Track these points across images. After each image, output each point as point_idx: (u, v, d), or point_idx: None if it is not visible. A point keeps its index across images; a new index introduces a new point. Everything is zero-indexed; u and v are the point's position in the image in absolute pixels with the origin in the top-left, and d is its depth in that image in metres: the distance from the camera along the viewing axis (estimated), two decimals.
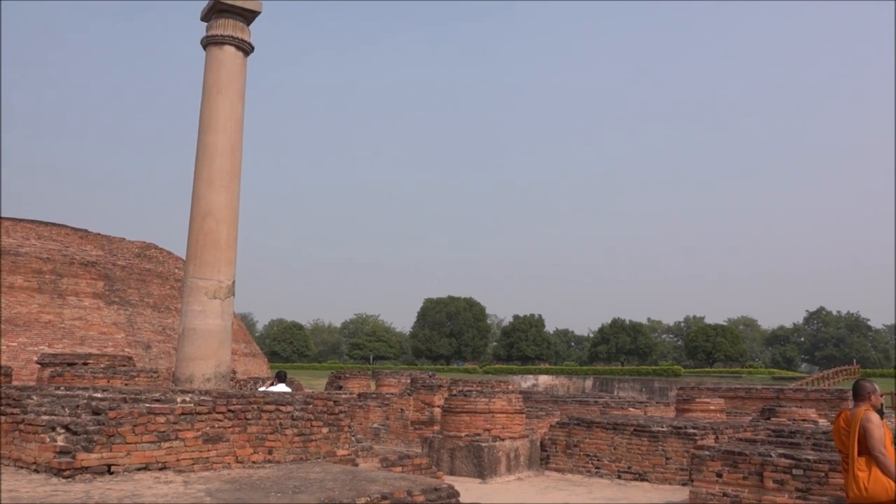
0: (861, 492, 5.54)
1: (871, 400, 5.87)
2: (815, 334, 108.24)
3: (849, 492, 5.66)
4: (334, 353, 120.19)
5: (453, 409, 12.68)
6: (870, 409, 5.81)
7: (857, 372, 57.34)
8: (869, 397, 5.86)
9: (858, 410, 5.79)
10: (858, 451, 5.66)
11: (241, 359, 28.42)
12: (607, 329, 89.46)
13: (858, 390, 5.95)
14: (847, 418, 5.88)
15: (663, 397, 33.86)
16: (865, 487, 5.53)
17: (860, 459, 5.63)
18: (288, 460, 7.39)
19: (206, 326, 10.78)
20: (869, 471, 5.56)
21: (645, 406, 19.60)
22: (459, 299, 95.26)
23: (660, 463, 11.61)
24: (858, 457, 5.65)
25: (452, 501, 6.71)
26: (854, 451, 5.66)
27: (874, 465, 5.56)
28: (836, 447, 6.08)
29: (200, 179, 11.38)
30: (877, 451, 5.54)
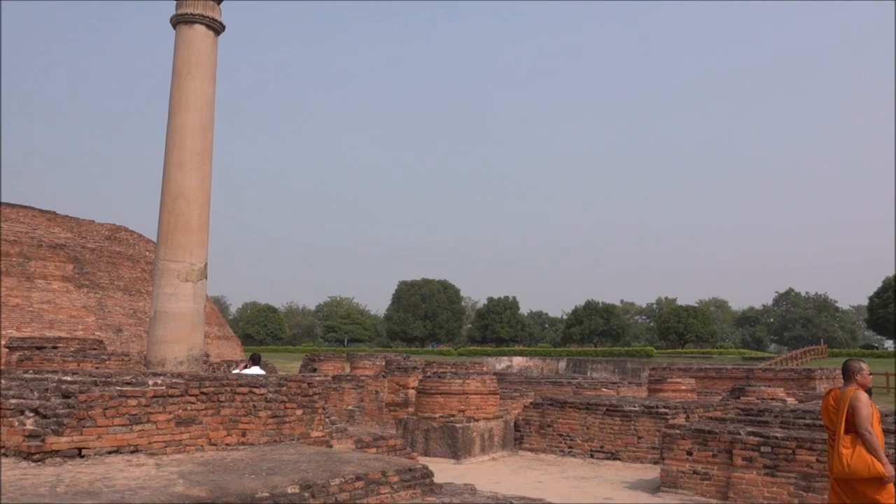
0: (844, 467, 5.70)
1: (857, 379, 5.99)
2: (783, 315, 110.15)
3: (832, 467, 5.82)
4: (308, 336, 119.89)
5: (428, 390, 12.72)
6: (859, 388, 5.96)
7: (824, 352, 58.46)
8: (855, 376, 5.99)
9: (848, 389, 5.93)
10: (845, 429, 5.80)
11: (214, 342, 28.22)
12: (581, 311, 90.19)
13: (848, 370, 6.08)
14: (836, 396, 6.02)
15: (636, 378, 34.29)
16: (848, 464, 5.68)
17: (846, 437, 5.78)
18: (262, 442, 7.37)
19: (178, 309, 10.67)
20: (853, 448, 5.71)
21: (618, 386, 19.83)
22: (434, 282, 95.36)
23: (632, 442, 11.77)
24: (845, 434, 5.79)
25: (426, 481, 6.75)
26: (841, 428, 5.80)
27: (859, 442, 5.71)
28: (824, 424, 6.23)
29: (171, 161, 11.20)
30: (863, 430, 5.69)
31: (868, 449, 5.68)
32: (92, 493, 4.71)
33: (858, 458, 5.67)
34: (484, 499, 6.66)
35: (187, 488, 5.09)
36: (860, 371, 6.02)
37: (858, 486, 5.71)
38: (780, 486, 8.02)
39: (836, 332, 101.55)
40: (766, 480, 8.10)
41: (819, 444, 7.90)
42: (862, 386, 5.99)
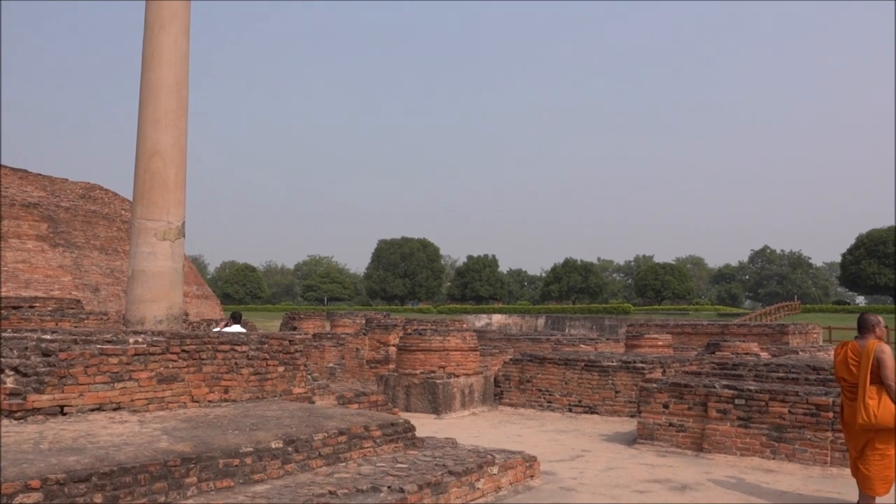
0: (871, 418, 5.88)
1: (876, 332, 6.15)
2: (759, 272, 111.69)
3: (857, 417, 5.95)
4: (288, 294, 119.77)
5: (408, 347, 12.82)
6: (880, 341, 6.10)
7: (797, 308, 59.55)
8: (874, 329, 6.14)
9: (869, 342, 6.06)
10: (870, 381, 5.97)
11: (193, 301, 28.12)
12: (559, 269, 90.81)
13: (865, 323, 6.20)
14: (855, 349, 6.14)
15: (613, 334, 34.73)
16: (875, 414, 5.87)
17: (871, 388, 5.95)
18: (244, 399, 7.41)
19: (156, 268, 10.58)
20: (879, 398, 5.90)
21: (595, 343, 20.09)
22: (413, 240, 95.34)
23: (609, 396, 11.98)
24: (870, 385, 5.95)
25: (409, 435, 6.85)
26: (866, 379, 5.95)
27: (884, 393, 5.90)
28: (839, 376, 6.32)
29: (145, 118, 10.99)
30: (890, 381, 5.88)
31: (893, 399, 5.87)
32: (76, 449, 4.73)
33: (885, 409, 5.87)
34: (465, 452, 6.78)
35: (171, 444, 5.12)
36: (878, 324, 6.18)
37: (880, 433, 5.92)
38: (752, 437, 8.23)
39: (810, 289, 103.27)
40: (740, 432, 8.32)
41: (791, 396, 8.10)
42: (879, 339, 6.15)
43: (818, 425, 7.87)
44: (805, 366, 10.05)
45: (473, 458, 6.47)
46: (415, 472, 5.80)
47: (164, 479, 4.68)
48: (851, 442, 6.15)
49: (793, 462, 7.85)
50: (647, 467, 7.82)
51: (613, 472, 7.57)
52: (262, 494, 4.95)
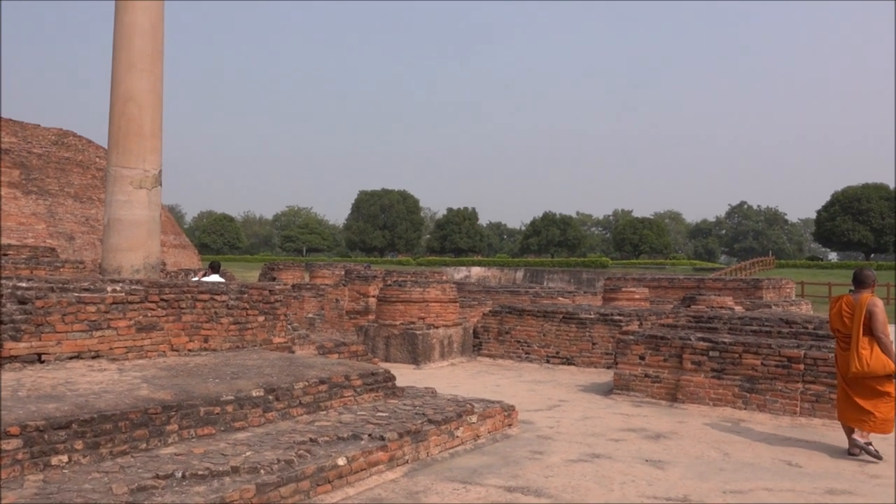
0: (864, 367, 6.25)
1: (871, 286, 6.48)
2: (735, 227, 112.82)
3: (851, 366, 6.31)
4: (266, 245, 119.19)
5: (388, 298, 12.85)
6: (874, 295, 6.44)
7: (771, 263, 60.35)
8: (873, 285, 6.48)
9: (863, 296, 6.40)
10: (862, 332, 6.30)
11: (170, 250, 27.88)
12: (539, 222, 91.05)
13: (864, 278, 6.51)
14: (850, 302, 6.46)
15: (591, 287, 35.05)
16: (868, 363, 6.25)
17: (864, 339, 6.30)
18: (224, 348, 7.42)
19: (132, 217, 10.44)
20: (871, 349, 6.27)
21: (573, 295, 20.27)
22: (393, 192, 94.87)
23: (586, 348, 12.14)
24: (863, 336, 6.30)
25: (389, 385, 6.91)
26: (859, 331, 6.30)
27: (875, 344, 6.26)
28: (834, 327, 6.65)
29: (119, 62, 10.71)
30: (880, 333, 6.25)
31: (883, 350, 6.25)
32: (55, 397, 4.72)
33: (877, 359, 6.24)
34: (445, 401, 6.86)
35: (151, 392, 5.12)
36: (873, 279, 6.51)
37: (870, 381, 6.31)
38: (725, 388, 8.41)
39: (785, 245, 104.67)
40: (713, 383, 8.49)
41: (764, 348, 8.26)
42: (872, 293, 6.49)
43: (789, 377, 8.04)
44: (778, 319, 10.23)
45: (453, 407, 6.55)
46: (395, 420, 5.87)
47: (144, 427, 4.70)
48: (851, 388, 6.44)
49: (763, 412, 8.05)
50: (623, 417, 7.98)
51: (589, 421, 7.71)
52: (244, 442, 4.98)
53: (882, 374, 6.27)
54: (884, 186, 72.36)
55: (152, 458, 4.51)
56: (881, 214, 69.92)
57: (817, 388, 7.87)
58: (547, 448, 6.41)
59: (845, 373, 6.48)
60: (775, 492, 5.29)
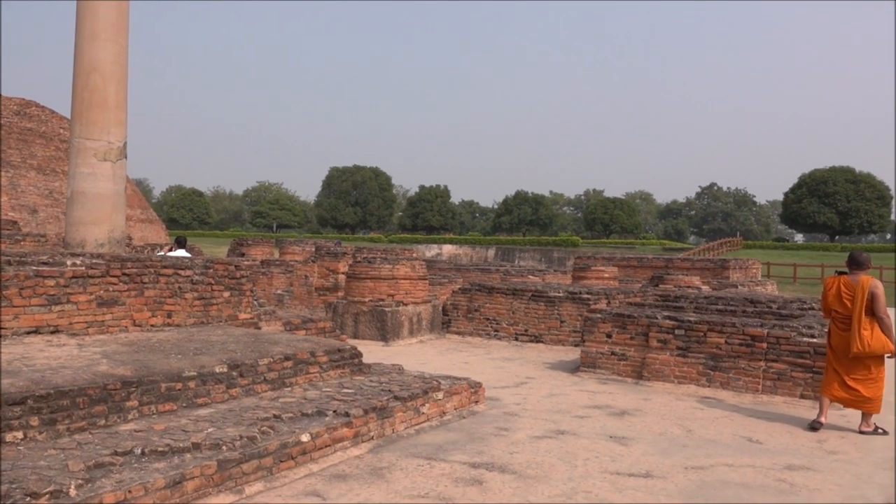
0: (865, 347, 6.46)
1: (868, 268, 6.69)
2: (705, 208, 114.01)
3: (853, 347, 6.49)
4: (236, 221, 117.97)
5: (358, 275, 12.78)
6: (871, 276, 6.65)
7: (739, 244, 61.17)
8: (866, 266, 6.69)
9: (863, 277, 6.60)
10: (864, 313, 6.50)
11: (136, 225, 27.45)
12: (511, 201, 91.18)
13: (862, 260, 6.71)
14: (849, 284, 6.65)
15: (561, 266, 35.26)
16: (869, 343, 6.46)
17: (865, 320, 6.50)
18: (188, 324, 7.32)
19: (96, 190, 10.22)
20: (871, 329, 6.48)
21: (543, 274, 20.36)
22: (365, 168, 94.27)
23: (555, 326, 12.21)
24: (864, 317, 6.50)
25: (355, 361, 6.88)
26: (861, 312, 6.49)
27: (876, 324, 6.48)
28: (831, 308, 6.78)
29: (83, 32, 10.41)
30: (882, 314, 6.47)
31: (884, 330, 6.48)
32: (10, 372, 4.61)
33: (877, 339, 6.47)
34: (411, 378, 6.85)
35: (111, 367, 5.03)
36: (870, 261, 6.73)
37: (867, 360, 6.54)
38: (690, 366, 8.51)
39: (752, 226, 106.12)
40: (678, 361, 8.58)
41: (729, 327, 8.36)
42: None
43: (752, 355, 8.16)
44: (743, 299, 10.37)
45: (419, 383, 6.54)
46: (361, 396, 5.84)
47: (103, 403, 4.61)
48: (843, 368, 6.66)
49: (727, 390, 8.16)
50: (589, 394, 8.04)
51: (556, 398, 7.76)
52: (206, 418, 4.92)
53: (881, 353, 6.51)
54: (849, 170, 73.55)
55: (111, 434, 4.43)
56: (846, 197, 71.12)
57: (779, 367, 8.00)
58: (513, 425, 6.44)
59: (843, 352, 6.64)
60: (736, 467, 5.37)
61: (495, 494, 4.53)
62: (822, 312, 7.19)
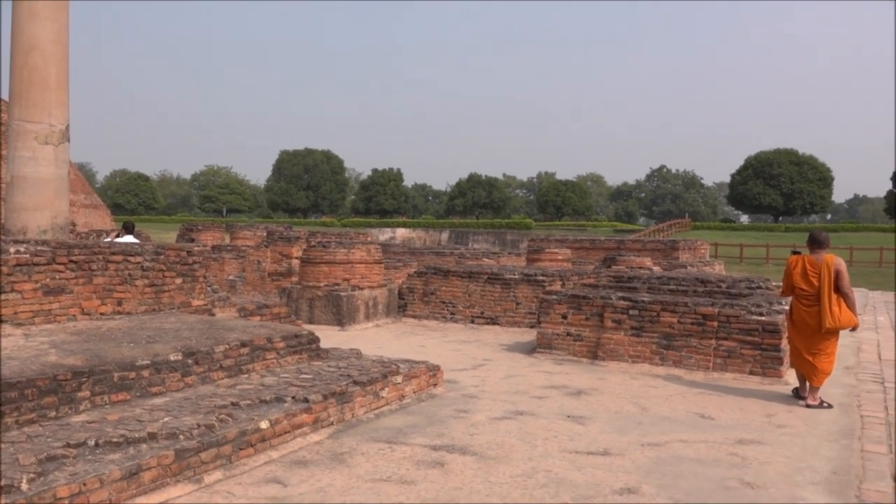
0: (836, 322, 6.75)
1: (828, 246, 6.98)
2: (654, 190, 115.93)
3: (824, 322, 6.74)
4: (184, 205, 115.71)
5: (312, 259, 12.65)
6: (832, 255, 6.90)
7: (687, 225, 62.45)
8: (828, 245, 6.97)
9: (826, 256, 6.86)
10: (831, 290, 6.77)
11: (80, 210, 26.68)
12: (464, 184, 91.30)
13: (823, 240, 6.97)
14: (813, 262, 6.90)
15: (515, 248, 35.49)
16: (838, 318, 6.75)
17: (833, 296, 6.76)
18: (140, 311, 7.15)
19: (38, 174, 9.88)
20: (840, 306, 6.77)
21: (498, 256, 20.48)
22: (317, 151, 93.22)
23: (511, 308, 12.29)
24: (834, 294, 6.76)
25: (313, 346, 6.82)
26: (829, 289, 6.74)
27: (842, 300, 6.77)
28: (795, 285, 6.99)
29: (20, 9, 10.01)
30: (847, 290, 6.79)
31: (849, 306, 6.81)
32: None
33: (845, 314, 6.78)
34: (370, 362, 6.82)
35: (60, 357, 4.89)
36: (829, 240, 7.04)
37: (829, 337, 6.85)
38: (644, 345, 8.66)
39: (700, 207, 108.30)
40: (633, 340, 8.73)
41: (681, 307, 8.52)
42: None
43: (704, 334, 8.34)
44: (693, 279, 10.59)
45: (378, 368, 6.52)
46: (319, 382, 5.80)
47: (53, 394, 4.48)
48: (803, 343, 6.94)
49: (679, 368, 8.34)
50: (545, 374, 8.13)
51: (513, 379, 7.82)
52: (161, 407, 4.82)
53: (849, 327, 6.86)
54: (793, 152, 75.55)
55: (63, 426, 4.31)
56: (790, 179, 73.10)
57: (729, 345, 8.19)
58: (472, 406, 6.47)
59: (804, 328, 6.92)
60: (690, 443, 5.49)
61: (457, 476, 4.55)
62: (782, 290, 7.41)
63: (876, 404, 7.02)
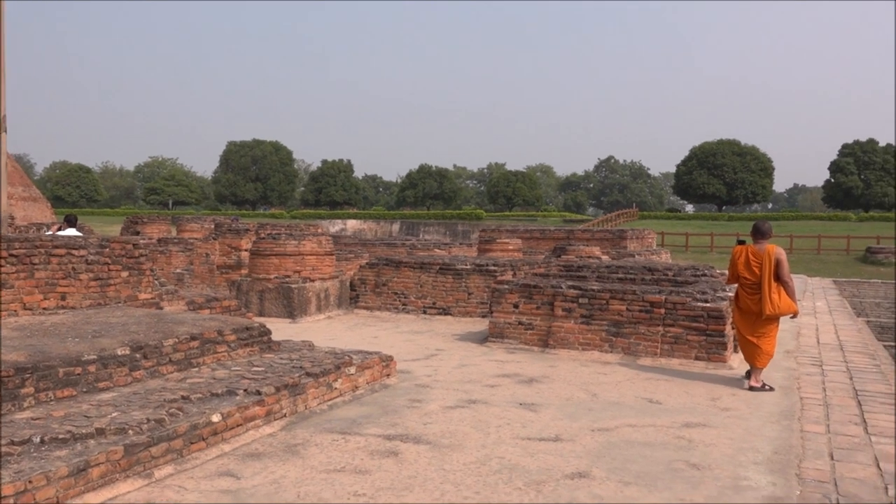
0: (776, 309, 7.05)
1: (771, 237, 7.25)
2: (603, 181, 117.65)
3: (765, 309, 7.03)
4: (128, 198, 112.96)
5: (262, 251, 12.51)
6: (774, 245, 7.20)
7: (635, 215, 63.52)
8: (770, 234, 7.25)
9: (768, 246, 7.15)
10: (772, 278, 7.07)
11: (19, 203, 25.81)
12: (415, 175, 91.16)
13: (766, 230, 7.25)
14: (755, 252, 7.19)
15: (466, 239, 35.64)
16: (778, 305, 7.06)
17: (774, 284, 7.07)
18: (85, 306, 6.98)
19: None
20: (780, 293, 7.08)
21: (449, 247, 20.54)
22: (265, 143, 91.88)
23: (462, 298, 12.36)
24: (774, 282, 7.06)
25: (264, 339, 6.76)
26: (770, 278, 7.04)
27: (783, 288, 7.09)
28: (740, 275, 7.28)
29: None
30: (786, 278, 7.10)
31: (789, 293, 7.12)
32: None
33: (784, 301, 7.09)
34: (322, 354, 6.79)
35: (2, 353, 4.75)
36: (772, 230, 7.32)
37: (770, 322, 7.15)
38: (593, 333, 8.82)
39: (647, 197, 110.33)
40: (583, 328, 8.87)
41: (629, 295, 8.69)
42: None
43: (651, 321, 8.53)
44: (641, 267, 10.79)
45: (331, 359, 6.49)
46: (272, 374, 5.75)
47: None
48: (747, 328, 7.24)
49: (628, 354, 8.51)
50: (497, 363, 8.21)
51: (466, 368, 7.88)
52: (109, 402, 4.73)
53: (788, 314, 7.16)
54: (736, 143, 77.42)
55: (6, 423, 4.19)
56: (733, 169, 74.93)
57: (676, 331, 8.39)
58: (425, 396, 6.50)
59: (749, 314, 7.21)
60: (638, 427, 5.62)
61: (411, 465, 4.58)
62: (727, 279, 7.70)
63: (815, 387, 7.29)
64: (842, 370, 8.25)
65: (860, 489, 4.30)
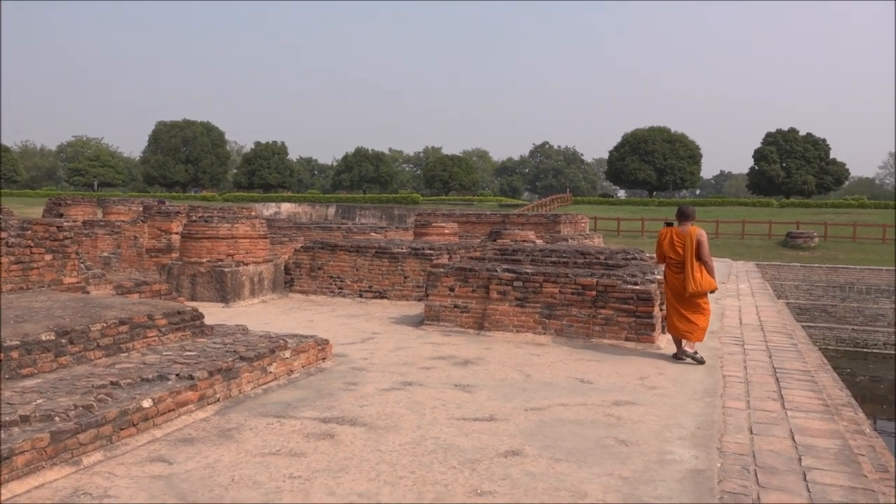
0: (698, 287, 7.51)
1: (694, 219, 7.78)
2: (538, 166, 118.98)
3: (688, 287, 7.51)
4: (50, 179, 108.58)
5: (194, 235, 12.24)
6: (697, 227, 7.69)
7: (568, 200, 64.51)
8: (693, 217, 7.79)
9: (691, 228, 7.65)
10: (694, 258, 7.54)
11: None
12: (351, 158, 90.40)
13: (689, 213, 7.77)
14: (680, 234, 7.67)
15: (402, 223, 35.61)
16: (700, 283, 7.52)
17: (696, 264, 7.53)
18: (6, 290, 6.73)
19: None
20: (701, 272, 7.55)
21: (385, 231, 20.52)
22: (196, 123, 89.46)
23: (398, 281, 12.38)
24: (695, 262, 7.52)
25: (197, 323, 6.65)
26: (692, 258, 7.52)
27: (703, 267, 7.54)
28: (667, 255, 7.77)
29: None
30: (707, 258, 7.57)
31: (709, 272, 7.59)
32: None
33: (706, 279, 7.56)
34: (256, 338, 6.73)
35: None
36: (695, 213, 7.90)
37: (696, 298, 7.60)
38: (527, 315, 8.97)
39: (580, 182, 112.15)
40: (517, 311, 9.02)
41: (562, 278, 8.87)
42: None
43: (583, 303, 8.73)
44: (574, 251, 11.02)
45: (265, 343, 6.44)
46: (205, 359, 5.67)
47: None
48: (681, 305, 7.66)
49: (561, 336, 8.70)
50: (433, 346, 8.28)
51: (402, 351, 7.92)
52: (34, 389, 4.59)
53: (709, 290, 7.61)
54: (666, 130, 79.32)
55: None
56: (664, 155, 76.80)
57: (607, 313, 8.62)
58: (361, 379, 6.52)
59: (680, 292, 7.64)
60: (570, 406, 5.78)
61: (347, 446, 4.60)
62: (656, 259, 8.21)
63: (737, 365, 7.62)
64: (762, 349, 8.63)
65: (776, 460, 4.53)
